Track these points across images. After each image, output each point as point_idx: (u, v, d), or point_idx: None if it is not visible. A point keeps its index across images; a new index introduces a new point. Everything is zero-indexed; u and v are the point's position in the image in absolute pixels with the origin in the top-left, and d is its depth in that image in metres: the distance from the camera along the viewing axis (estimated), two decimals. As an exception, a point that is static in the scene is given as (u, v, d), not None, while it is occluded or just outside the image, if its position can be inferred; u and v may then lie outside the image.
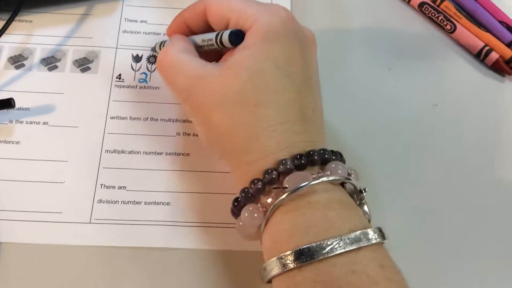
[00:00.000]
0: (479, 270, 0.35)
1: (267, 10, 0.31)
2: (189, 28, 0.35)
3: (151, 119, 0.38)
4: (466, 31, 0.43)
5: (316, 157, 0.28)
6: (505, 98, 0.42)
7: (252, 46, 0.30)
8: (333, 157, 0.29)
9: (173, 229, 0.35)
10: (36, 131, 0.37)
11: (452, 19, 0.44)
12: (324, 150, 0.29)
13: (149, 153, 0.37)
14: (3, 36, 0.39)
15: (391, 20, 0.44)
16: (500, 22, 0.44)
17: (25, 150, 0.37)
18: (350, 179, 0.29)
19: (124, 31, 0.42)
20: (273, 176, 0.28)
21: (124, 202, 0.35)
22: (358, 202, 0.30)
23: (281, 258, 0.26)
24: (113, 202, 0.35)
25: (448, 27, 0.43)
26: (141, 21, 0.42)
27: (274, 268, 0.26)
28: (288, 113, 0.29)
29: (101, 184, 0.36)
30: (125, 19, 0.42)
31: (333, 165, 0.28)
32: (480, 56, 0.43)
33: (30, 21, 0.42)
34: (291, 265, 0.25)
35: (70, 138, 0.37)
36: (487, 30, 0.43)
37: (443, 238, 0.36)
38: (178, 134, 0.38)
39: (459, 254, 0.36)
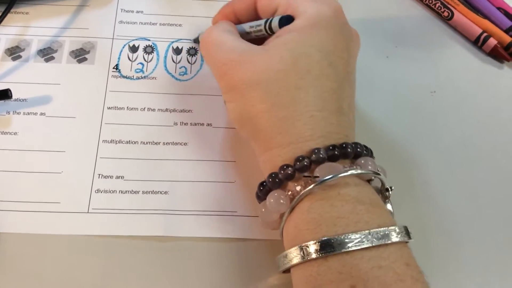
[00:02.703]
0: (478, 259, 0.35)
1: (318, 0, 0.31)
2: (237, 17, 0.35)
3: (148, 109, 0.38)
4: (463, 18, 0.43)
5: (349, 150, 0.28)
6: (504, 85, 0.42)
7: (300, 30, 0.30)
8: (365, 152, 0.29)
9: (172, 217, 0.35)
10: (34, 122, 0.37)
11: (449, 6, 0.43)
12: (357, 144, 0.28)
13: (147, 142, 0.37)
14: (0, 28, 0.39)
15: (388, 8, 0.44)
16: (498, 8, 0.44)
17: (22, 141, 0.37)
18: (380, 175, 0.28)
19: (121, 22, 0.42)
20: (305, 163, 0.27)
21: (122, 192, 0.35)
22: (383, 200, 0.29)
23: (305, 247, 0.26)
24: (111, 191, 0.35)
25: (446, 14, 0.43)
26: (137, 12, 0.42)
27: (296, 256, 0.26)
28: (326, 102, 0.29)
29: (99, 174, 0.36)
30: (121, 9, 0.42)
31: (362, 161, 0.28)
32: (478, 42, 0.43)
33: (27, 13, 0.42)
34: (315, 255, 0.25)
35: (67, 129, 0.37)
36: (485, 16, 0.43)
37: (440, 225, 0.36)
38: (175, 123, 0.38)
39: (456, 241, 0.35)
